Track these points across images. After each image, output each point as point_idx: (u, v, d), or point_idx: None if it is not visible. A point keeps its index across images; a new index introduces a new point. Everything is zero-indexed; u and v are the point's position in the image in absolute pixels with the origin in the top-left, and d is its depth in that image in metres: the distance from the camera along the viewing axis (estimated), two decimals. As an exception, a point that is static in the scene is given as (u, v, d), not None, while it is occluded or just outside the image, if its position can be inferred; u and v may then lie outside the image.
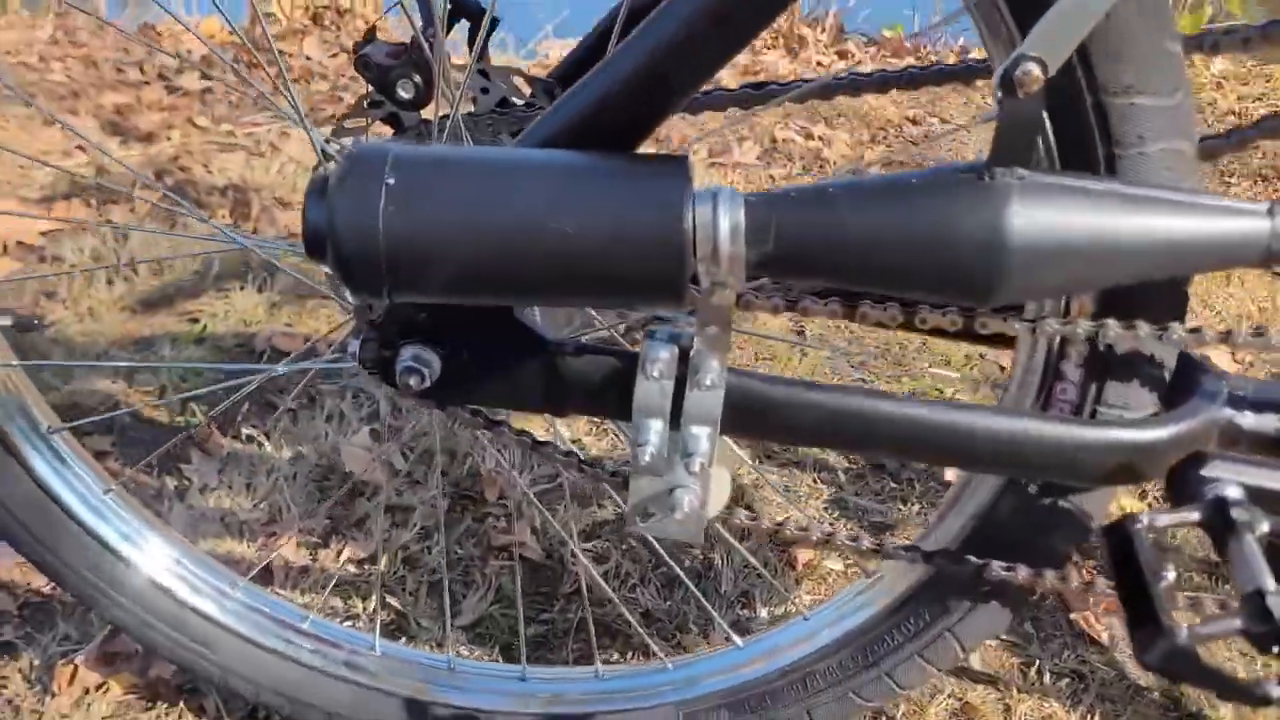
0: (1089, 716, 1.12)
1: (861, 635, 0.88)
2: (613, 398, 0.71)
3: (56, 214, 1.94)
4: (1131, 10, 0.62)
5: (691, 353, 0.68)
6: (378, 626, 1.01)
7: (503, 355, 0.71)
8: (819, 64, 3.02)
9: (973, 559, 0.79)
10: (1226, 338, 0.70)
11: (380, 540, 1.27)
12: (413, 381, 0.70)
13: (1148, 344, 0.72)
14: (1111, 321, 0.68)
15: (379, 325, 0.71)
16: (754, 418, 0.72)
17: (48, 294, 1.72)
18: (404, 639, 1.16)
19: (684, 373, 0.68)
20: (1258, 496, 0.67)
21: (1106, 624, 1.24)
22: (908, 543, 0.82)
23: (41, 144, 2.24)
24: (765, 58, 3.01)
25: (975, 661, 1.18)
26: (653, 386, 0.69)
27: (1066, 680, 1.17)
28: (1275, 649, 0.58)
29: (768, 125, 2.59)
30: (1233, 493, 0.67)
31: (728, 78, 2.86)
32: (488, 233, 0.57)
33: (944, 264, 0.59)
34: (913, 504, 1.41)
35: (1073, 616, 1.25)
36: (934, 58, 3.12)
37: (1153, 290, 0.70)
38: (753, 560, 1.26)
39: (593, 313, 0.91)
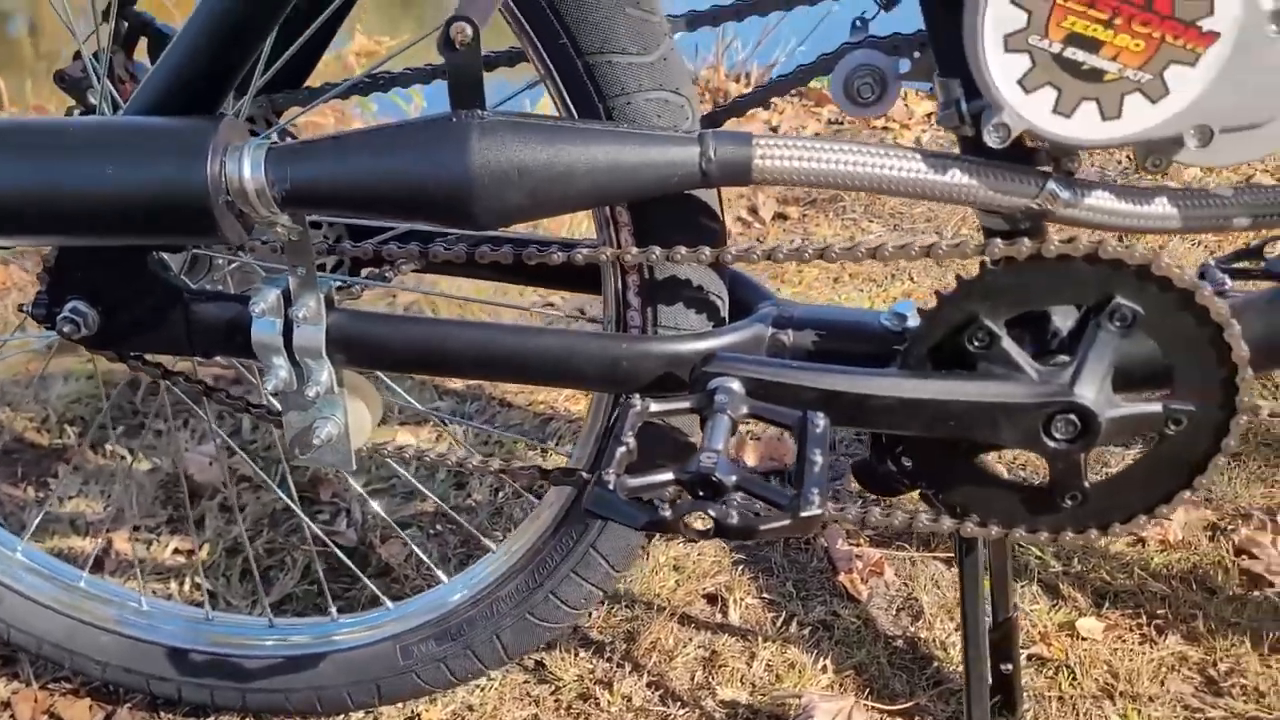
0: (826, 659, 1.20)
1: (532, 558, 0.99)
2: (240, 339, 0.85)
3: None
4: (596, -15, 0.76)
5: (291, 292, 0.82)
6: (141, 583, 1.14)
7: (148, 306, 0.86)
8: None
9: (584, 475, 0.90)
10: (768, 254, 0.81)
11: (212, 533, 1.41)
12: (68, 330, 0.85)
13: (689, 270, 0.84)
14: (655, 248, 0.80)
15: (48, 286, 0.86)
16: (359, 349, 0.85)
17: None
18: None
19: (295, 312, 0.81)
20: (755, 388, 0.79)
21: (871, 585, 1.33)
22: (543, 465, 0.94)
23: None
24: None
25: (733, 616, 1.27)
26: (264, 324, 0.82)
27: (811, 629, 1.25)
28: (701, 493, 0.69)
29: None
30: (734, 385, 0.78)
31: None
32: (46, 188, 0.72)
33: (429, 193, 0.72)
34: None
35: (840, 579, 1.34)
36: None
37: (690, 220, 0.82)
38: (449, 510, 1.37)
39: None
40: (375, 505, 1.30)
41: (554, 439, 1.60)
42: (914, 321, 0.83)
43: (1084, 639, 1.22)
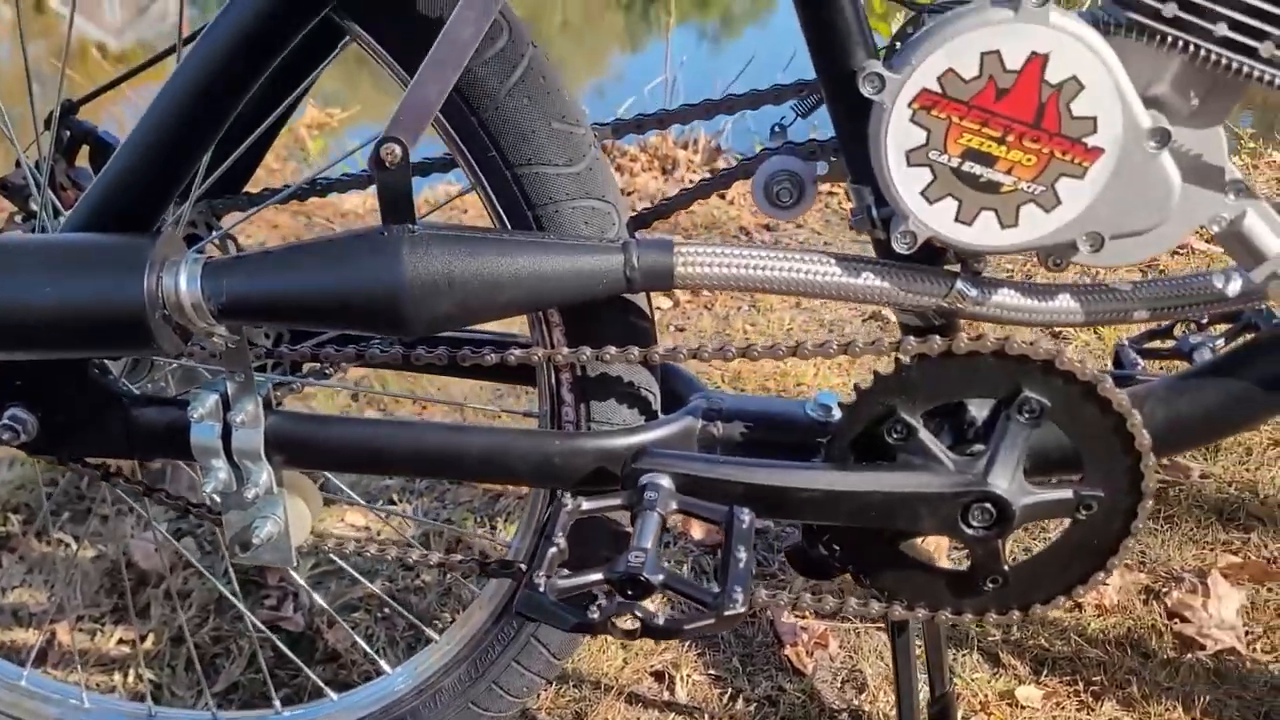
0: (772, 734, 1.22)
1: (474, 647, 1.00)
2: (180, 443, 0.86)
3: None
4: (522, 101, 0.79)
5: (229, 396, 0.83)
6: (83, 677, 1.13)
7: (88, 411, 0.87)
8: (690, 182, 3.24)
9: (521, 567, 0.92)
10: (694, 353, 0.84)
11: (157, 622, 1.40)
12: (6, 437, 0.85)
13: (621, 367, 0.86)
14: (585, 349, 0.83)
15: (-14, 393, 0.87)
16: (297, 450, 0.86)
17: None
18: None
19: (235, 416, 0.83)
20: (684, 483, 0.81)
21: (816, 658, 1.35)
22: (482, 559, 0.95)
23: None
24: (638, 179, 3.24)
25: (680, 694, 1.29)
26: (203, 428, 0.84)
27: (757, 704, 1.27)
28: (629, 592, 0.72)
29: (626, 241, 2.79)
30: (664, 481, 0.81)
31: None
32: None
33: (362, 304, 0.75)
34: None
35: (785, 652, 1.35)
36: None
37: (619, 320, 0.85)
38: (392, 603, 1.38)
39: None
40: (318, 598, 1.30)
41: (503, 515, 1.62)
42: (838, 412, 0.87)
43: (1024, 707, 1.24)
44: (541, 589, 0.71)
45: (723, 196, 3.23)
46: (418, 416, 1.84)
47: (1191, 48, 0.68)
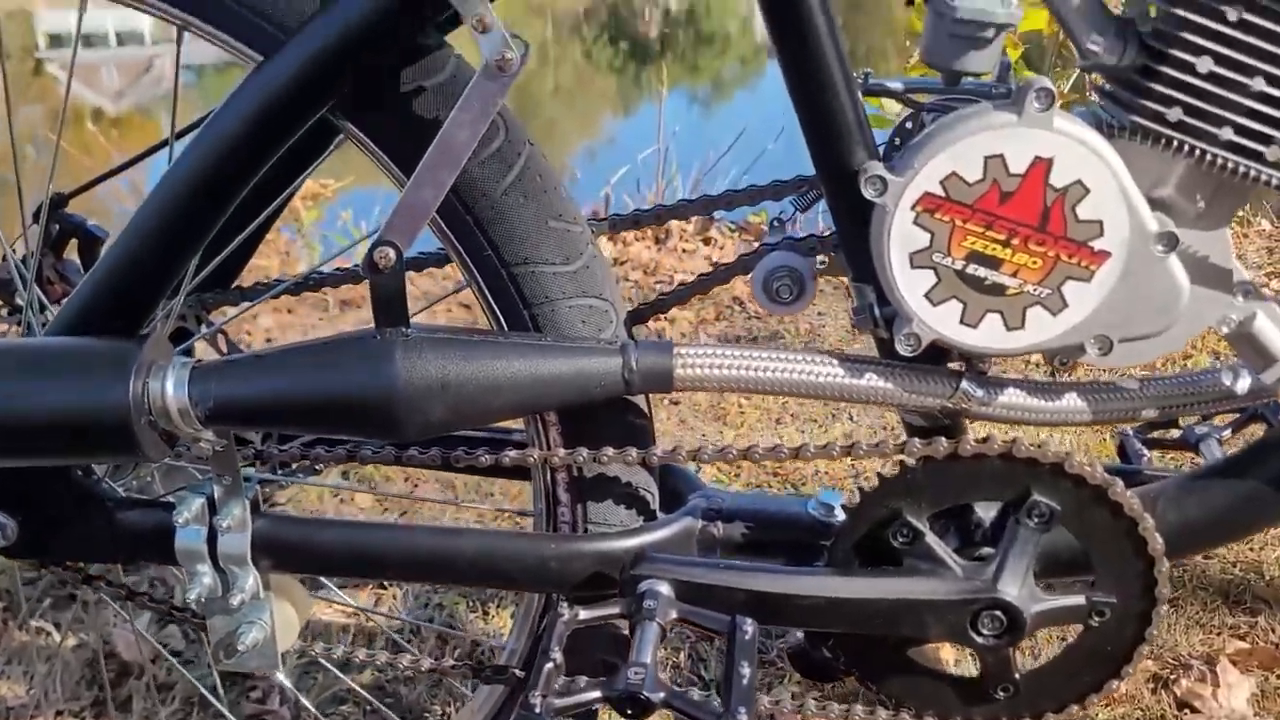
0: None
1: (466, 756, 0.97)
2: (164, 547, 0.83)
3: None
4: (518, 199, 0.78)
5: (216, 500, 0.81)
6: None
7: (70, 514, 0.84)
8: (684, 251, 3.25)
9: (518, 674, 0.89)
10: (694, 454, 0.82)
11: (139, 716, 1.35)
12: (-15, 543, 0.83)
13: (619, 467, 0.84)
14: (582, 450, 0.81)
15: (-36, 496, 0.84)
16: (285, 555, 0.83)
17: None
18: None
19: (221, 519, 0.80)
20: (684, 590, 0.78)
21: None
22: (478, 665, 0.92)
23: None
24: (631, 249, 3.24)
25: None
26: (188, 533, 0.81)
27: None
28: (629, 711, 0.69)
29: (620, 311, 2.78)
30: (663, 588, 0.78)
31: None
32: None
33: (354, 409, 0.73)
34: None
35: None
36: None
37: (617, 420, 0.83)
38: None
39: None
40: (305, 700, 1.27)
41: (495, 601, 1.58)
42: (840, 512, 0.85)
43: (1033, 805, 1.20)
44: (538, 709, 0.68)
45: (711, 261, 3.24)
46: (410, 504, 1.81)
47: (1197, 152, 0.67)
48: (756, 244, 0.86)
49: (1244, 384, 0.78)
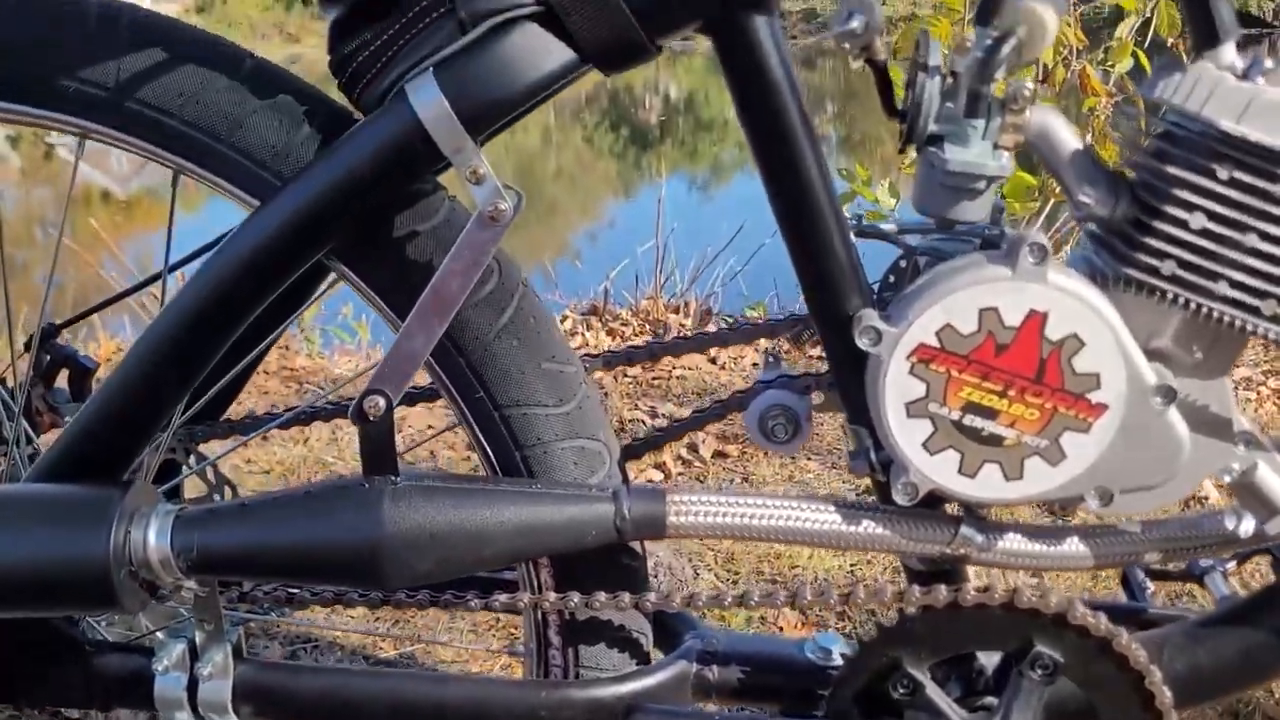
0: None
1: None
2: (143, 694, 0.81)
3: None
4: (511, 342, 0.77)
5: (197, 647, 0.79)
6: None
7: (45, 659, 0.82)
8: (682, 346, 3.25)
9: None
10: (689, 600, 0.80)
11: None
12: (-47, 688, 0.80)
13: (609, 611, 0.82)
14: (574, 595, 0.79)
15: (-62, 638, 0.82)
16: (267, 703, 0.81)
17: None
18: None
19: (200, 665, 0.78)
20: (678, 743, 0.76)
21: None
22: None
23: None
24: (634, 342, 3.24)
25: None
26: (168, 680, 0.79)
27: None
28: None
29: (618, 407, 2.78)
30: (655, 740, 0.76)
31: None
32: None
33: (340, 559, 0.71)
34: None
35: None
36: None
37: (610, 562, 0.81)
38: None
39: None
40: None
41: None
42: (838, 656, 0.83)
43: None
44: None
45: (713, 361, 3.24)
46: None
47: (1193, 305, 0.67)
48: (754, 380, 0.85)
49: (1247, 527, 0.77)
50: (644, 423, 2.70)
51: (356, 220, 0.74)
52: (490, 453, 0.79)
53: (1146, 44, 3.09)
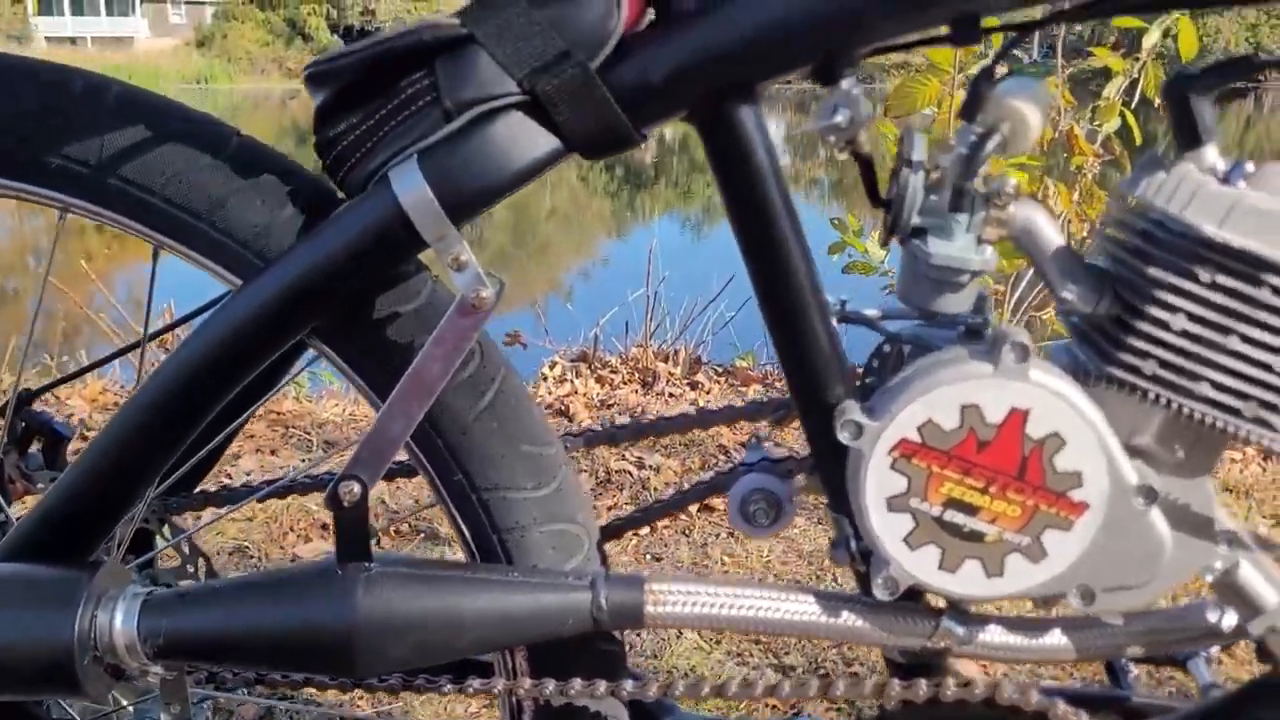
0: None
1: None
2: (110, 773, 0.79)
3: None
4: (491, 425, 0.77)
5: (166, 731, 0.77)
6: None
7: (7, 738, 0.80)
8: (670, 395, 3.25)
9: None
10: (665, 689, 0.79)
11: None
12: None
13: (584, 699, 0.81)
14: (550, 682, 0.78)
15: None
16: (234, 785, 0.79)
17: None
18: None
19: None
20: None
21: None
22: None
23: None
24: (619, 392, 3.24)
25: None
26: (134, 762, 0.77)
27: None
28: None
29: (605, 457, 2.76)
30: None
31: (585, 413, 3.08)
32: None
33: (312, 647, 0.70)
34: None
35: None
36: (780, 384, 3.35)
37: (587, 648, 0.80)
38: None
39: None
40: None
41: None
42: (819, 746, 0.81)
43: None
44: None
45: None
46: None
47: (1174, 405, 0.67)
48: (732, 465, 0.85)
49: (1230, 621, 0.76)
50: (631, 474, 2.69)
51: (338, 300, 0.74)
52: (468, 535, 0.79)
53: (1134, 104, 3.13)
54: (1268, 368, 0.65)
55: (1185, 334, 0.65)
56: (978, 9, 0.66)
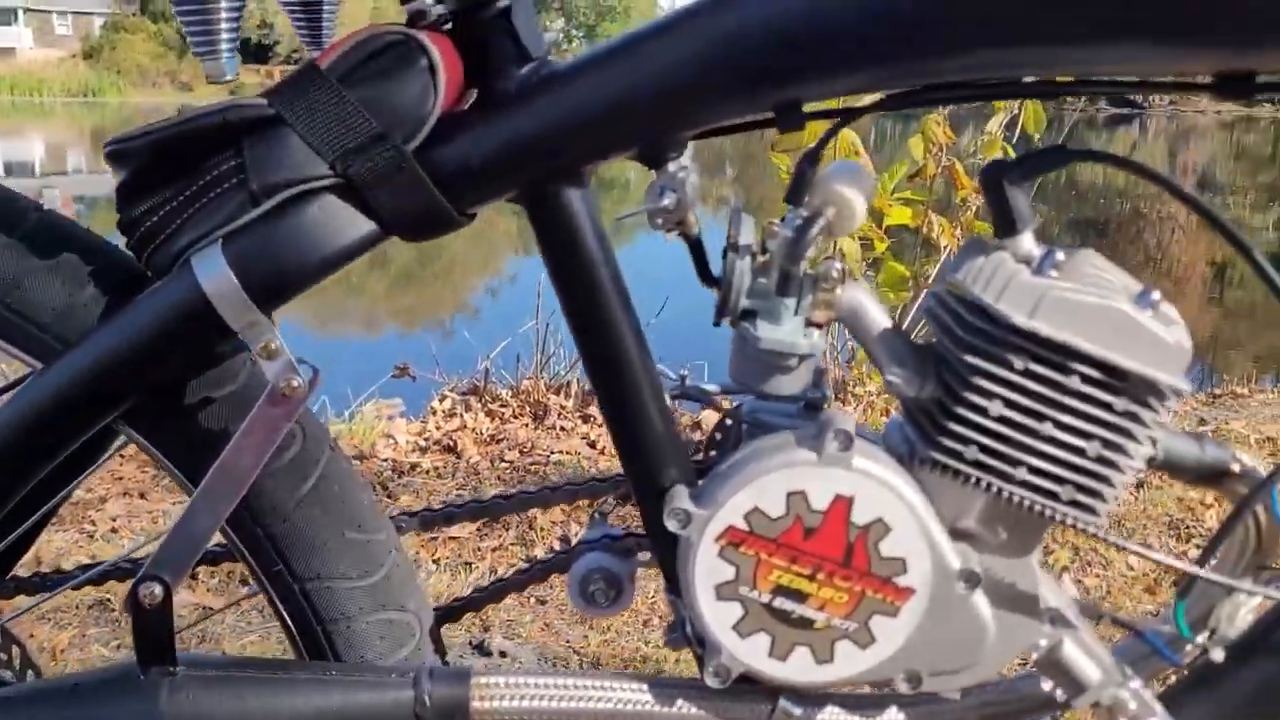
0: None
1: None
2: None
3: None
4: (314, 511, 0.74)
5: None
6: None
7: None
8: (562, 429, 3.22)
9: None
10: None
11: None
12: None
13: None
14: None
15: None
16: None
17: None
18: None
19: None
20: None
21: None
22: None
23: None
24: (509, 426, 3.20)
25: None
26: None
27: None
28: None
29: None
30: None
31: (474, 449, 3.03)
32: None
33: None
34: None
35: None
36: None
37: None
38: None
39: None
40: None
41: None
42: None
43: None
44: None
45: (592, 445, 3.21)
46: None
47: (994, 488, 0.67)
48: (574, 542, 0.83)
49: (1062, 692, 0.77)
50: (517, 513, 2.65)
51: (146, 385, 0.70)
52: (292, 627, 0.75)
53: (1014, 139, 3.24)
54: (1081, 453, 0.66)
55: (1003, 419, 0.66)
56: (800, 96, 0.66)
